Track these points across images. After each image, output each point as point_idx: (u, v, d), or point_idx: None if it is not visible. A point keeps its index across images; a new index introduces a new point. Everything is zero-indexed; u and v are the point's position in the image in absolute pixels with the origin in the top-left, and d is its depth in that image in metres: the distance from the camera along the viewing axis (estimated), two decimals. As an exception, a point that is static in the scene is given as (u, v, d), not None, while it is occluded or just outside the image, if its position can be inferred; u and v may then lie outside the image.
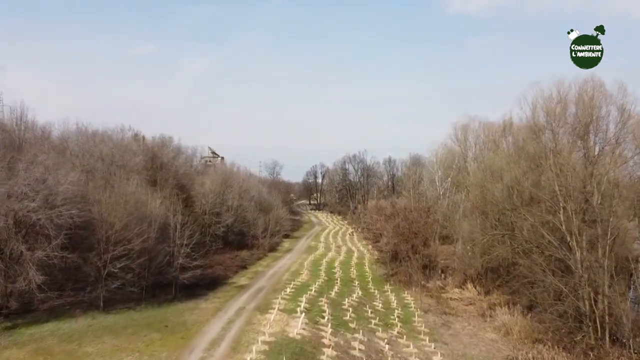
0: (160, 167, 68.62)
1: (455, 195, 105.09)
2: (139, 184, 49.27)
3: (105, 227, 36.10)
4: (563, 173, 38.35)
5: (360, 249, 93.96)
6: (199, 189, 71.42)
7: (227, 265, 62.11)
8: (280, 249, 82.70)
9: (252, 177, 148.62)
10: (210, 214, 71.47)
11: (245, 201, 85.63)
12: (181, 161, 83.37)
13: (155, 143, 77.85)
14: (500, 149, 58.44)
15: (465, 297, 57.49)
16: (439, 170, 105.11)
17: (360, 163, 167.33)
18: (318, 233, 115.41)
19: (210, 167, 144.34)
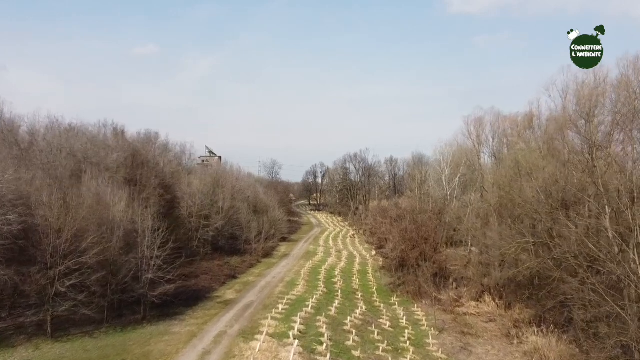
0: (142, 164, 61.52)
1: (465, 196, 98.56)
2: (106, 183, 42.08)
3: (52, 236, 29.00)
4: (612, 169, 31.27)
5: (363, 253, 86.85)
6: (185, 189, 64.34)
7: (214, 275, 55.01)
8: (275, 255, 75.55)
9: (247, 177, 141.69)
10: (197, 216, 64.37)
11: (239, 202, 78.56)
12: (168, 159, 76.31)
13: (137, 139, 70.76)
14: (528, 144, 51.25)
15: (483, 311, 50.39)
16: (446, 169, 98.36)
17: (362, 162, 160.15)
18: (317, 236, 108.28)
19: (206, 167, 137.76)
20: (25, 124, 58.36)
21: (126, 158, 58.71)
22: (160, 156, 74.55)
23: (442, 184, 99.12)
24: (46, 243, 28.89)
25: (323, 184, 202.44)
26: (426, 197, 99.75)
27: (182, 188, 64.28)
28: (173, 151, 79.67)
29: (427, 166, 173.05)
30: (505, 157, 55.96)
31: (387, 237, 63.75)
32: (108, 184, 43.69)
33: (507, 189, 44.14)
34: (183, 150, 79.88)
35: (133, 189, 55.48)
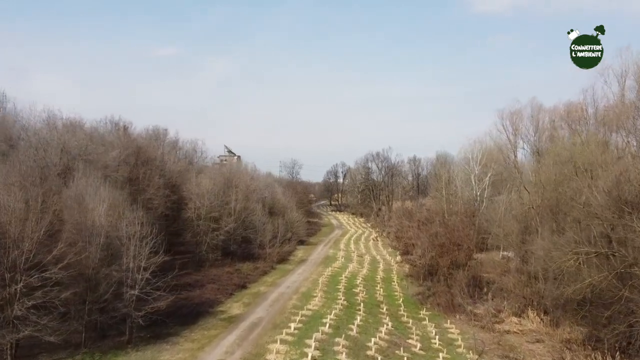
0: (146, 162, 56.45)
1: (496, 196, 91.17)
2: (97, 182, 36.71)
3: (9, 246, 23.59)
4: None
5: (387, 258, 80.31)
6: (193, 189, 58.95)
7: (221, 284, 49.42)
8: (292, 260, 69.62)
9: (266, 177, 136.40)
10: (206, 219, 58.94)
11: (253, 203, 72.99)
12: (177, 157, 71.39)
13: (144, 136, 65.85)
14: (581, 137, 44.08)
15: (527, 329, 43.43)
16: (475, 168, 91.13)
17: (384, 161, 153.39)
18: (338, 238, 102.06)
19: (224, 166, 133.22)
20: (22, 120, 54.17)
21: (128, 155, 53.66)
22: (169, 154, 69.63)
23: (470, 183, 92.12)
24: (2, 254, 23.49)
25: (344, 184, 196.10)
26: (453, 198, 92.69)
27: (189, 188, 58.94)
28: (183, 149, 74.68)
29: (452, 165, 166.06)
30: (550, 153, 48.69)
31: (414, 243, 57.19)
32: (100, 184, 38.35)
33: (559, 188, 37.18)
34: (194, 148, 74.81)
35: (134, 189, 50.39)
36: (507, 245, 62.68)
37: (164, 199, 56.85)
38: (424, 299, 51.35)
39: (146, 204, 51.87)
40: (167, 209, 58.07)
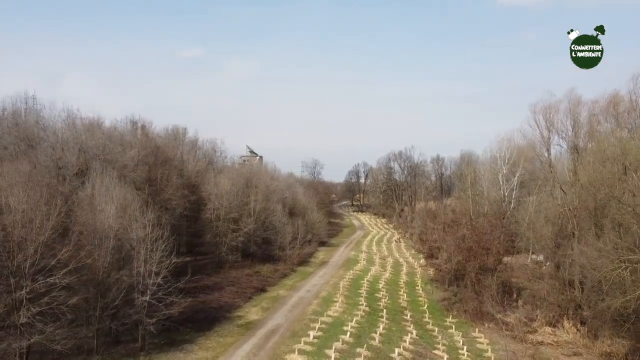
0: (164, 162, 55.41)
1: (525, 197, 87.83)
2: (114, 183, 35.54)
3: (13, 250, 22.38)
4: None
5: (410, 260, 77.87)
6: (211, 189, 57.67)
7: (240, 287, 47.93)
8: (312, 262, 67.78)
9: (287, 177, 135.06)
10: (225, 220, 57.60)
11: (273, 204, 71.49)
12: (197, 157, 70.35)
13: (163, 135, 64.96)
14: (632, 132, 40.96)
15: (562, 340, 40.65)
16: (503, 167, 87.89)
17: (407, 161, 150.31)
18: (359, 240, 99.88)
19: (245, 166, 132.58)
20: (44, 119, 53.66)
21: (146, 155, 52.66)
22: (188, 154, 68.64)
23: (498, 183, 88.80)
24: (5, 258, 22.30)
25: (366, 184, 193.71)
26: (479, 199, 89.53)
27: (207, 188, 57.69)
28: (203, 149, 73.63)
29: (477, 164, 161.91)
30: (592, 149, 45.52)
31: (439, 246, 54.67)
32: (113, 184, 37.21)
33: (603, 188, 34.29)
34: (213, 148, 73.62)
35: (152, 189, 49.35)
36: (539, 249, 59.62)
37: (183, 199, 55.74)
38: (449, 305, 48.93)
39: (164, 204, 50.88)
40: (187, 209, 56.97)
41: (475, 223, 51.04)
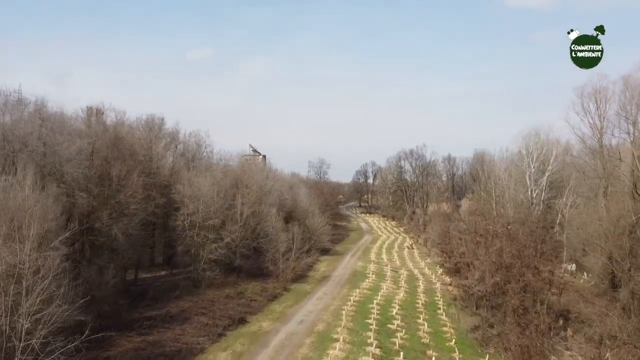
0: (128, 157, 44.19)
1: (555, 199, 76.08)
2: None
3: None
4: None
5: (426, 271, 66.10)
6: (184, 190, 46.23)
7: (213, 316, 36.54)
8: (311, 277, 56.06)
9: (290, 177, 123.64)
10: (203, 227, 46.21)
11: (267, 207, 60.07)
12: (177, 152, 59.14)
13: (133, 126, 53.66)
14: None
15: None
16: (531, 165, 75.85)
17: (419, 160, 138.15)
18: (368, 246, 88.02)
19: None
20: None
21: (101, 147, 41.48)
22: (165, 148, 57.44)
23: (524, 183, 76.72)
24: None
25: (374, 185, 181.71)
26: (503, 201, 77.44)
27: (179, 189, 46.28)
28: (186, 143, 62.22)
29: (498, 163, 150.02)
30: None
31: (469, 262, 42.78)
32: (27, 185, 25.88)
33: None
34: (197, 142, 62.14)
35: (101, 190, 38.07)
36: (593, 265, 47.73)
37: (149, 202, 44.56)
38: (484, 339, 37.11)
39: (120, 209, 39.65)
40: (153, 215, 45.81)
41: (514, 233, 39.08)
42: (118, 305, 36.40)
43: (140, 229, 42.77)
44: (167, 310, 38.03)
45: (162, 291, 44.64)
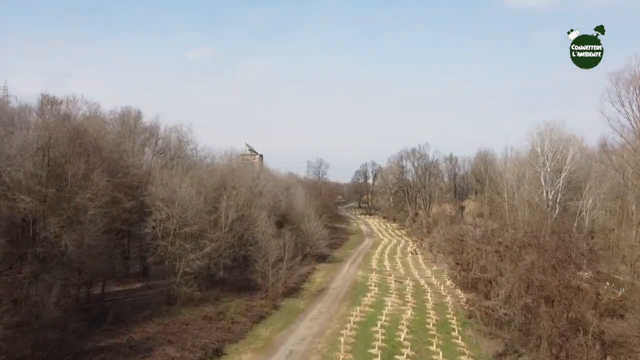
0: (91, 154, 37.30)
1: (570, 201, 69.57)
2: None
3: None
4: None
5: (433, 281, 59.35)
6: (158, 192, 39.28)
7: (183, 346, 29.69)
8: (305, 290, 49.16)
9: (286, 177, 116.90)
10: (179, 235, 39.32)
11: (257, 210, 53.25)
12: (156, 149, 52.32)
13: (101, 118, 46.82)
14: None
15: None
16: (547, 164, 69.16)
17: (422, 159, 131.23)
18: (368, 252, 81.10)
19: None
20: None
21: (55, 142, 34.62)
22: (142, 145, 50.64)
23: (538, 184, 69.93)
24: None
25: (374, 185, 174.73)
26: (513, 201, 70.60)
27: (152, 190, 39.33)
28: (168, 139, 55.36)
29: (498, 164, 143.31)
30: None
31: (491, 278, 35.77)
32: None
33: None
34: (178, 138, 55.21)
35: (52, 193, 31.28)
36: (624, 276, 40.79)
37: (116, 206, 37.72)
38: (512, 373, 30.29)
39: (74, 214, 32.80)
40: (122, 221, 38.98)
41: (546, 244, 32.19)
42: (67, 331, 29.71)
43: (103, 238, 35.93)
44: (129, 337, 31.22)
45: (130, 310, 37.81)
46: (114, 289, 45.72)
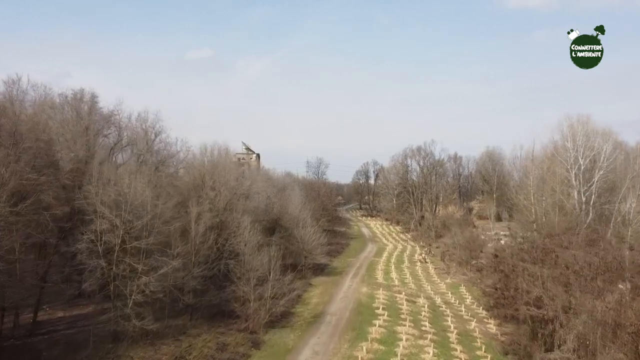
0: (8, 138, 27.35)
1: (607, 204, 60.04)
2: None
3: None
4: None
5: (449, 297, 49.64)
6: (96, 195, 29.15)
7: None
8: (297, 316, 38.97)
9: (283, 177, 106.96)
10: (125, 252, 29.31)
11: (239, 216, 43.26)
12: (114, 142, 42.39)
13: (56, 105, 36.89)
14: None
15: None
16: (580, 160, 59.38)
17: (427, 157, 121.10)
18: (372, 260, 70.98)
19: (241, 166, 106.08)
20: None
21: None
22: (96, 135, 40.69)
23: (566, 185, 59.92)
24: None
25: (376, 186, 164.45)
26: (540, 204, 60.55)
27: (89, 192, 29.24)
28: (133, 129, 45.28)
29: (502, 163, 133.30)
30: None
31: (553, 317, 25.45)
32: None
33: None
34: (143, 127, 45.05)
35: None
36: None
37: (39, 213, 27.72)
38: None
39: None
40: (47, 231, 28.91)
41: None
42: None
43: (27, 252, 26.06)
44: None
45: (63, 350, 28.07)
46: (57, 314, 35.89)
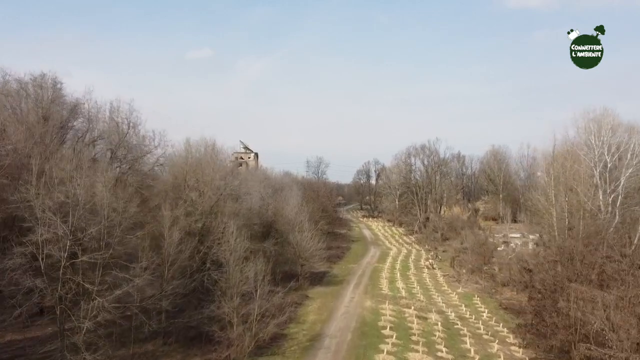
0: None
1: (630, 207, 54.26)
2: None
3: None
4: None
5: (463, 312, 43.76)
6: (41, 197, 23.30)
7: None
8: (289, 339, 32.85)
9: (281, 177, 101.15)
10: (74, 268, 23.44)
11: (225, 219, 37.35)
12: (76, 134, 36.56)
13: None
14: None
15: None
16: (607, 158, 53.62)
17: (432, 156, 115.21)
18: (376, 267, 65.00)
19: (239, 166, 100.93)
20: None
21: None
22: (57, 124, 34.88)
23: (589, 185, 53.93)
24: None
25: (377, 185, 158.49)
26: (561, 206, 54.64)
27: (26, 194, 23.33)
28: (104, 120, 39.39)
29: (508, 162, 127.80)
30: None
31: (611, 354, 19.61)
32: None
33: None
34: (117, 120, 39.11)
35: None
36: None
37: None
38: None
39: None
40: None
41: None
42: None
43: None
44: None
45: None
46: (5, 338, 30.11)
